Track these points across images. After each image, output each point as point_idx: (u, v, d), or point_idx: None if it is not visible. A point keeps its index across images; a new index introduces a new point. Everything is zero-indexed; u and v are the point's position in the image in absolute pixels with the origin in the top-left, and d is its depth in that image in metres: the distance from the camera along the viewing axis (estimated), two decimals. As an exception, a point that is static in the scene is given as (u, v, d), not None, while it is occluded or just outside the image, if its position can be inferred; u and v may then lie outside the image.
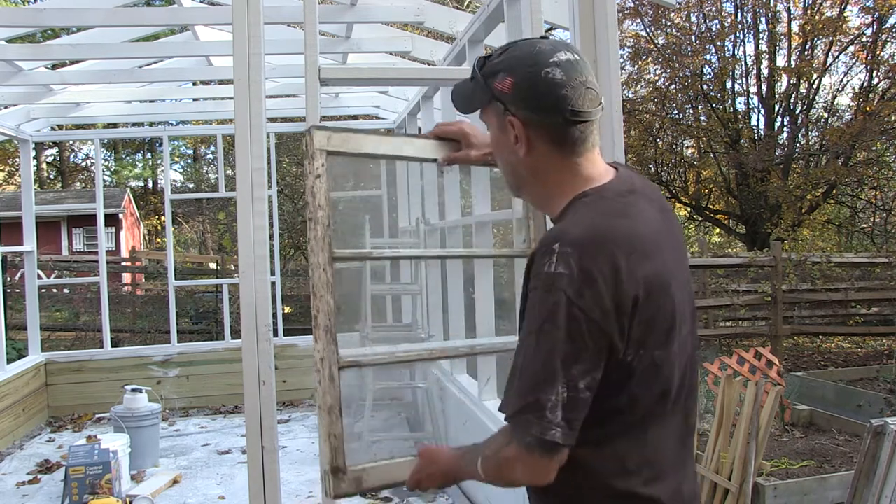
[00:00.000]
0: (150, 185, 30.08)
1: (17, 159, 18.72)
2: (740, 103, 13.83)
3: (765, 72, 13.22)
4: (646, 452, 1.21)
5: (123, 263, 18.75)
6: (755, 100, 13.67)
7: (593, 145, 1.28)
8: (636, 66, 13.73)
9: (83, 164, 29.28)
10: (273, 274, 6.34)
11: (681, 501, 1.23)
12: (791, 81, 12.85)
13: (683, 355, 1.25)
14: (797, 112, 13.11)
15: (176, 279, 6.80)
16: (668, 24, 13.31)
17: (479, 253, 3.05)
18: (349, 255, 1.81)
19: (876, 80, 12.67)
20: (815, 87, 12.98)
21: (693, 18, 13.44)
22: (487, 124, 1.36)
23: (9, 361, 5.74)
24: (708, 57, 13.01)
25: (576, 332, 1.09)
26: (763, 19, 13.12)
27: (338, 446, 1.58)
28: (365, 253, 2.26)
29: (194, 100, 8.32)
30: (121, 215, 23.35)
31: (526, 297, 1.19)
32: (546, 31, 3.10)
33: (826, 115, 13.42)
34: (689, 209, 15.03)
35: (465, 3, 10.81)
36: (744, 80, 13.62)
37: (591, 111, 1.23)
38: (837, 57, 12.90)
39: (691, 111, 13.48)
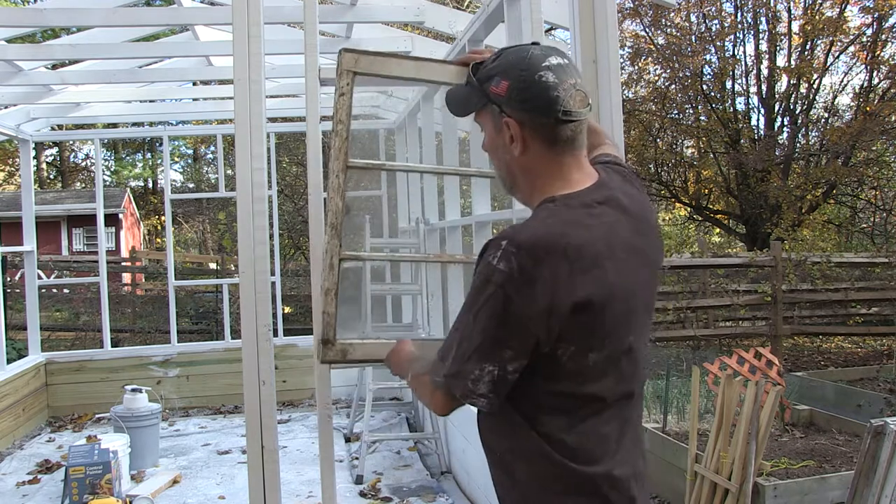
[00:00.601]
0: (150, 185, 30.08)
1: (17, 159, 18.72)
2: (740, 103, 13.85)
3: (765, 72, 13.22)
4: (581, 439, 1.31)
5: (123, 263, 18.75)
6: (755, 100, 13.69)
7: (581, 145, 1.36)
8: (636, 67, 13.73)
9: (83, 164, 29.31)
10: (273, 274, 6.34)
11: (611, 482, 1.32)
12: (791, 81, 12.85)
13: (631, 363, 1.35)
14: (797, 112, 13.11)
15: (176, 279, 6.79)
16: (668, 24, 13.31)
17: (479, 172, 3.07)
18: (361, 165, 2.03)
19: (876, 80, 12.67)
20: (815, 87, 12.98)
21: (693, 18, 13.44)
22: (482, 126, 1.44)
23: (9, 361, 5.74)
24: (708, 57, 13.01)
25: (506, 324, 1.22)
26: (763, 19, 13.12)
27: (329, 322, 1.84)
28: (378, 164, 2.50)
29: (194, 100, 8.33)
30: (121, 215, 23.35)
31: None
32: (546, 31, 3.10)
33: (826, 115, 13.42)
34: (689, 209, 15.03)
35: (465, 3, 10.81)
36: (744, 80, 13.62)
37: (580, 111, 1.32)
38: (837, 57, 12.90)
39: (691, 111, 13.48)
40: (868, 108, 11.89)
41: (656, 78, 13.86)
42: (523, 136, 1.33)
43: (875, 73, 12.57)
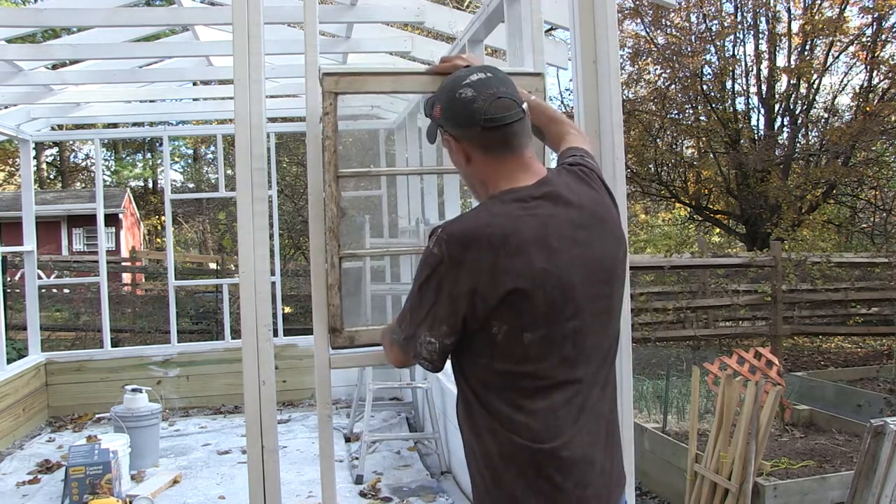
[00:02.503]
0: (150, 185, 30.06)
1: (17, 159, 18.72)
2: (740, 103, 13.80)
3: (765, 72, 13.21)
4: (529, 417, 1.39)
5: (123, 263, 18.72)
6: (755, 100, 13.65)
7: (521, 146, 1.48)
8: (636, 67, 13.71)
9: (83, 164, 29.28)
10: (273, 274, 6.34)
11: (557, 462, 1.39)
12: (791, 81, 12.84)
13: (577, 348, 1.42)
14: (797, 112, 13.09)
15: (176, 279, 6.79)
16: (668, 24, 13.30)
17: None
18: (350, 174, 2.16)
19: (876, 80, 12.64)
20: (815, 87, 12.96)
21: (693, 18, 13.42)
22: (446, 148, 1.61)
23: (9, 361, 5.74)
24: (708, 57, 13.00)
25: (440, 301, 1.39)
26: (763, 19, 13.11)
27: (335, 313, 2.04)
28: (364, 171, 2.65)
29: (194, 100, 8.32)
30: (121, 215, 23.34)
31: None
32: (546, 31, 3.10)
33: (826, 115, 13.40)
34: (689, 209, 15.01)
35: (465, 3, 10.82)
36: (744, 80, 13.59)
37: (504, 116, 1.44)
38: (837, 57, 12.88)
39: (691, 111, 13.46)
40: (868, 108, 11.88)
41: (656, 78, 13.85)
42: (463, 148, 1.50)
43: (875, 73, 12.55)
